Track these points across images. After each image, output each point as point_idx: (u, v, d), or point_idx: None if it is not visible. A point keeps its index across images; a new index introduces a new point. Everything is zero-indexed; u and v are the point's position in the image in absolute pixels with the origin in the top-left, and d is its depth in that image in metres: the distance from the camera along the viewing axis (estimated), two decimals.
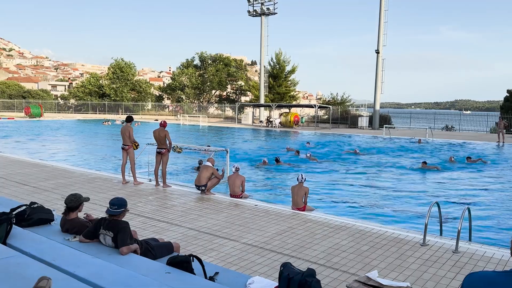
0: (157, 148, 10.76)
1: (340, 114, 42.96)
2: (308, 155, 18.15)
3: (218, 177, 10.08)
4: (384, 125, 33.27)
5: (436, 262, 5.74)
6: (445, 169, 15.91)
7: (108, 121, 42.07)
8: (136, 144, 11.06)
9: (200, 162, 13.51)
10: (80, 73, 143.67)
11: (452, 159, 17.46)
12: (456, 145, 25.03)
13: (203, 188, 9.88)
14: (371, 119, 39.70)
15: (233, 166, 10.15)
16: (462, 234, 6.37)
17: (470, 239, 6.91)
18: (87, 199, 4.93)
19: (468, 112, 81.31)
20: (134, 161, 11.11)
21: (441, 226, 7.19)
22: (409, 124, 40.91)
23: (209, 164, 10.19)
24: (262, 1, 44.86)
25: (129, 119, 11.17)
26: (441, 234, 7.10)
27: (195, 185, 10.08)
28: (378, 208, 10.39)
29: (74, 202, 4.75)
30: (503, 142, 25.66)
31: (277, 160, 16.18)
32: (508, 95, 41.87)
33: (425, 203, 10.42)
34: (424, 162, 16.09)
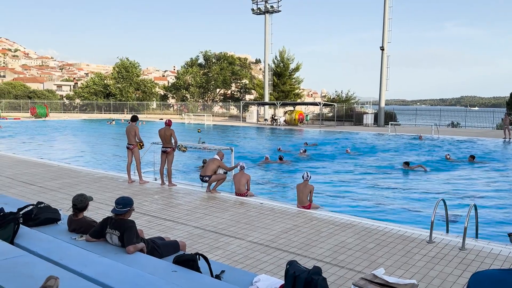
0: (163, 147, 10.79)
1: (345, 112, 42.84)
2: (302, 151, 18.23)
3: (225, 169, 10.13)
4: (390, 122, 33.14)
5: (442, 260, 5.72)
6: (442, 167, 15.70)
7: (112, 120, 42.24)
8: (141, 144, 11.08)
9: (204, 162, 13.49)
10: (85, 73, 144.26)
11: (448, 156, 17.25)
12: (458, 142, 24.90)
13: (206, 178, 9.87)
14: (376, 116, 39.55)
15: (239, 165, 10.15)
16: (469, 231, 6.34)
17: (476, 236, 6.87)
18: (91, 199, 4.96)
19: (476, 108, 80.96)
20: (140, 160, 11.14)
21: (447, 223, 7.16)
22: (414, 121, 40.74)
23: (217, 157, 10.20)
24: None
25: (134, 119, 11.20)
26: (447, 231, 7.07)
27: (200, 175, 10.07)
28: (383, 205, 10.36)
29: (83, 203, 4.80)
30: (510, 138, 25.51)
31: (280, 159, 16.21)
32: None
33: (431, 200, 10.38)
34: (406, 163, 14.97)
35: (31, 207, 5.08)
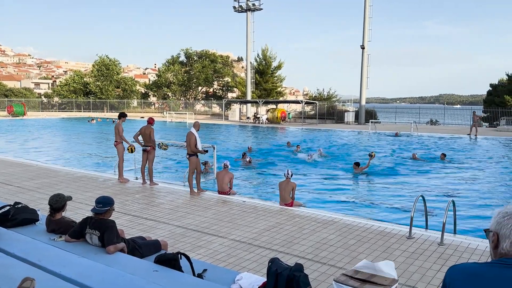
0: (143, 145, 10.68)
1: (326, 110, 43.17)
2: (310, 155, 17.18)
3: (193, 148, 9.61)
4: (370, 120, 33.57)
5: (422, 255, 5.83)
6: (411, 166, 15.87)
7: (93, 119, 41.63)
8: (131, 148, 10.95)
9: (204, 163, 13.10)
10: (64, 71, 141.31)
11: (415, 156, 17.31)
12: (435, 139, 25.45)
13: (188, 156, 9.69)
14: (357, 114, 39.98)
15: (222, 163, 10.11)
16: (447, 226, 6.47)
17: (455, 232, 7.02)
18: (70, 198, 4.87)
19: (458, 106, 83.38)
20: (122, 159, 10.99)
21: (426, 219, 7.29)
22: (394, 119, 41.33)
23: (192, 130, 9.71)
24: None
25: (120, 116, 11.05)
26: (426, 227, 7.20)
27: (187, 153, 9.85)
28: (364, 202, 10.48)
29: (59, 203, 4.70)
30: (476, 135, 26.36)
31: (244, 155, 16.16)
32: (490, 89, 42.63)
33: (411, 197, 10.55)
34: (356, 164, 14.13)
35: (8, 207, 4.97)
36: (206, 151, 10.34)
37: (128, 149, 11.03)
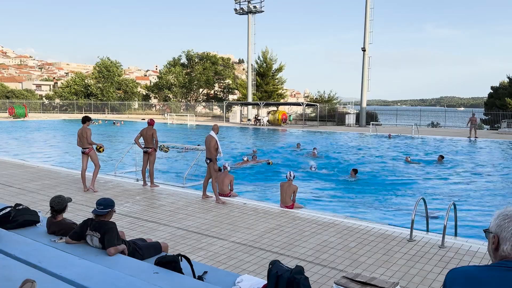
0: (144, 147, 10.67)
1: (327, 112, 43.16)
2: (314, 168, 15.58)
3: (213, 152, 9.37)
4: (371, 122, 33.55)
5: (422, 258, 5.82)
6: (408, 169, 15.86)
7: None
8: (99, 147, 10.40)
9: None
10: (65, 73, 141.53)
11: (409, 159, 17.14)
12: (429, 141, 25.47)
13: (208, 161, 9.43)
14: (358, 117, 39.96)
15: (223, 165, 10.09)
16: (448, 229, 6.46)
17: (455, 234, 7.01)
18: (70, 200, 4.89)
19: (461, 108, 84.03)
20: (98, 164, 10.35)
21: (427, 221, 7.28)
22: (395, 121, 41.31)
23: (212, 134, 9.40)
24: None
25: (85, 120, 10.22)
26: (427, 230, 7.19)
27: (206, 158, 9.59)
28: (365, 205, 10.47)
29: (61, 204, 4.72)
30: (475, 137, 26.47)
31: (254, 158, 16.19)
32: (491, 91, 42.64)
33: (411, 199, 10.53)
34: (354, 170, 13.65)
35: (9, 209, 4.98)
36: (221, 169, 10.10)
37: (97, 148, 10.35)
